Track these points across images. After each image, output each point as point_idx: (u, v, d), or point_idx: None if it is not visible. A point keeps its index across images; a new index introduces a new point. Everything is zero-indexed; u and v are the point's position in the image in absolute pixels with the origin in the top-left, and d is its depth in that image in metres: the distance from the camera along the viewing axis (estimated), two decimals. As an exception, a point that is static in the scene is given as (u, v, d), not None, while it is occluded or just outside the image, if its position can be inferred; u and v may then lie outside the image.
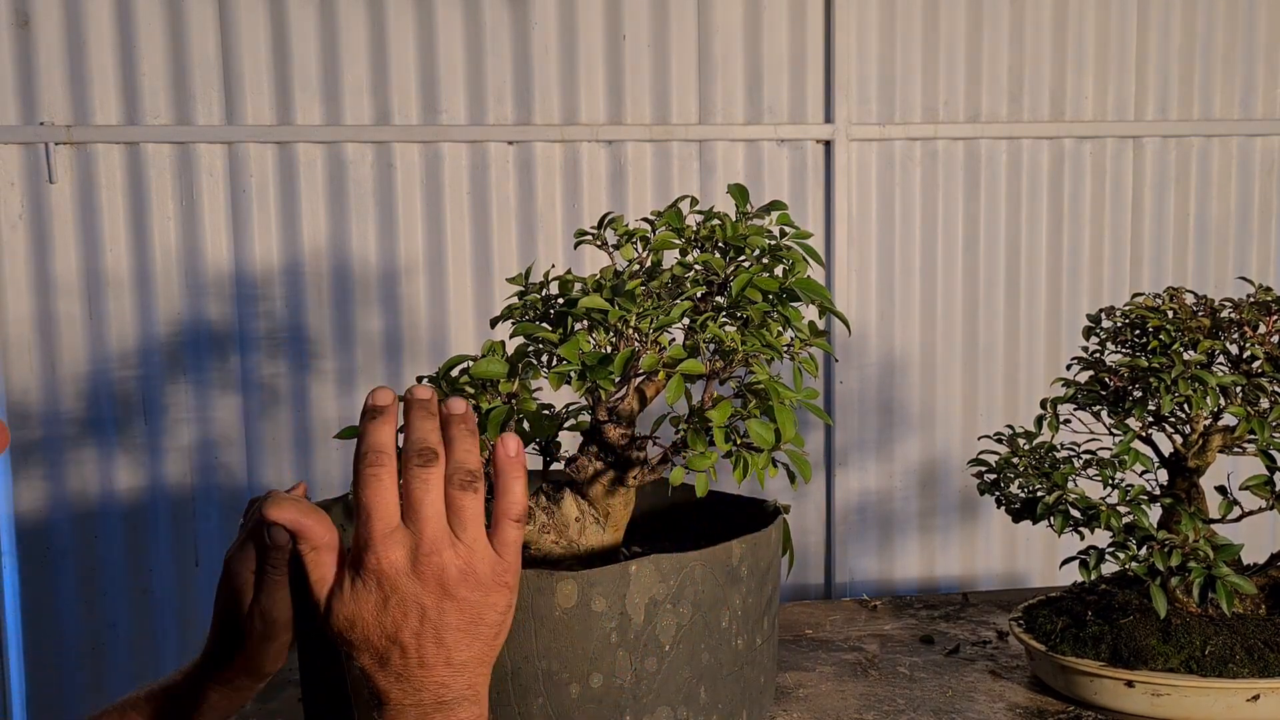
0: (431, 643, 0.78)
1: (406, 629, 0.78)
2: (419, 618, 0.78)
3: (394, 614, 0.78)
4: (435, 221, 2.46)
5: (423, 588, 0.78)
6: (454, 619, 0.79)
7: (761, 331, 1.11)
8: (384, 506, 0.80)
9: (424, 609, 0.78)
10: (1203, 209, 2.72)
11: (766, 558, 1.16)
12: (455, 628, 0.79)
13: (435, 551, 0.79)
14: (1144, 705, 1.30)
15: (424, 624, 0.78)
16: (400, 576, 0.78)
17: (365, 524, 0.80)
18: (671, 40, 2.50)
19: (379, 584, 0.78)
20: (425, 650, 0.78)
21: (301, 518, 0.83)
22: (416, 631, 0.78)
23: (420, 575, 0.78)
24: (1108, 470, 1.32)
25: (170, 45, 2.35)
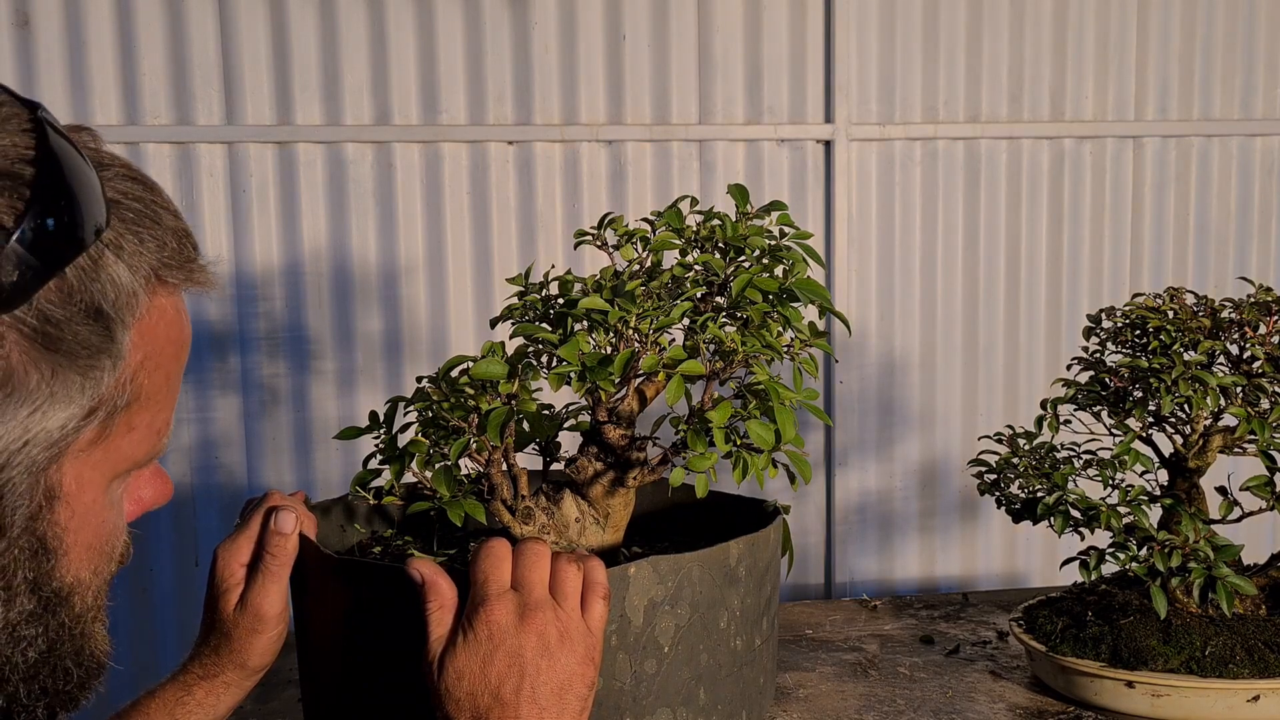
0: (529, 701, 0.87)
1: (508, 685, 0.87)
2: (519, 674, 0.87)
3: (499, 667, 0.87)
4: (435, 221, 2.46)
5: (525, 644, 0.88)
6: (549, 680, 0.88)
7: (761, 332, 1.11)
8: (499, 573, 0.91)
9: (524, 666, 0.87)
10: (1203, 209, 2.72)
11: (765, 558, 1.16)
12: (550, 691, 0.87)
13: (539, 609, 0.89)
14: (1144, 706, 1.30)
15: (524, 681, 0.87)
16: (508, 631, 0.88)
17: (481, 586, 0.91)
18: (671, 40, 2.50)
19: (489, 637, 0.88)
20: (522, 708, 0.86)
21: (437, 576, 0.93)
22: (516, 688, 0.87)
23: (525, 631, 0.88)
24: (1108, 470, 1.32)
25: (170, 45, 2.35)
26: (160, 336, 0.63)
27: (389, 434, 1.18)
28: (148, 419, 0.64)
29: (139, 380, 0.62)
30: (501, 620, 0.89)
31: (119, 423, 0.62)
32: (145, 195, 0.64)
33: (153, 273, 0.62)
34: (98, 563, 0.66)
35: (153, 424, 0.64)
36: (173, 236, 0.64)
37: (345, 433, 1.19)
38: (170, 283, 0.64)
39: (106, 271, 0.59)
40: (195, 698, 1.02)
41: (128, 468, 0.65)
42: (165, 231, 0.64)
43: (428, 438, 1.12)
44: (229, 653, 1.02)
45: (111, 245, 0.60)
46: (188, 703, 1.01)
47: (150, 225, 0.63)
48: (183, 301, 0.67)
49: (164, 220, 0.64)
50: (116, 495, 0.66)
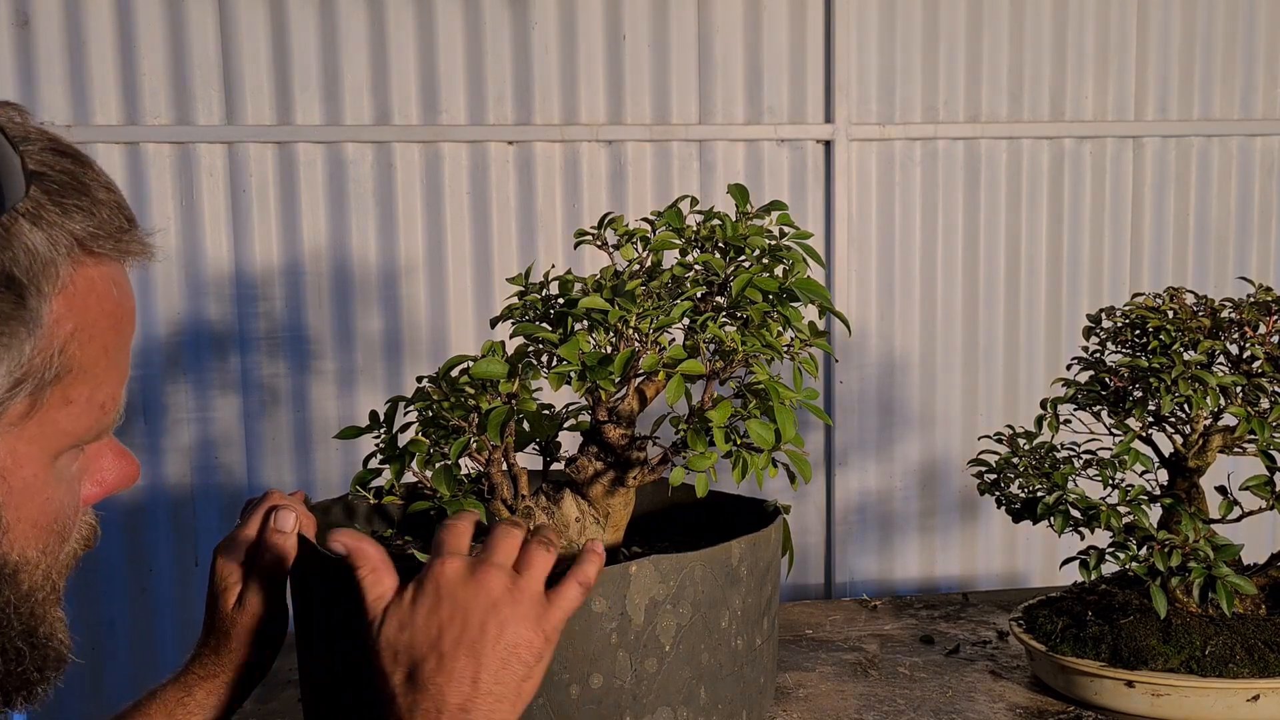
0: (465, 654, 0.85)
1: (449, 635, 0.86)
2: (461, 625, 0.86)
3: (442, 617, 0.87)
4: (435, 221, 2.46)
5: (471, 597, 0.87)
6: (493, 638, 0.86)
7: (761, 332, 1.11)
8: (456, 540, 0.92)
9: (467, 618, 0.87)
10: (1203, 209, 2.72)
11: (766, 558, 1.16)
12: (491, 648, 0.86)
13: (492, 568, 0.89)
14: (1144, 705, 1.30)
15: (465, 633, 0.86)
16: (455, 583, 0.88)
17: (436, 550, 0.91)
18: (671, 40, 2.50)
19: (436, 589, 0.88)
20: (458, 661, 0.85)
21: (360, 542, 0.92)
22: (457, 639, 0.86)
23: (472, 585, 0.88)
24: (1108, 470, 1.32)
25: (170, 45, 2.35)
26: (92, 308, 0.63)
27: (389, 434, 1.18)
28: (86, 392, 0.63)
29: (70, 352, 0.61)
30: (450, 573, 0.89)
31: (52, 396, 0.61)
32: (73, 168, 0.63)
33: (77, 243, 0.62)
34: (46, 541, 0.65)
35: (93, 398, 0.64)
36: (105, 208, 0.64)
37: (345, 432, 1.20)
38: (100, 253, 0.63)
39: (20, 240, 0.59)
40: (196, 698, 1.02)
41: (70, 443, 0.64)
42: (95, 203, 0.63)
43: (428, 437, 1.12)
44: (228, 652, 1.03)
45: (28, 214, 0.60)
46: (188, 703, 1.01)
47: (76, 196, 0.62)
48: (121, 274, 0.66)
49: (94, 192, 0.64)
50: (67, 473, 0.66)
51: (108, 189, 0.65)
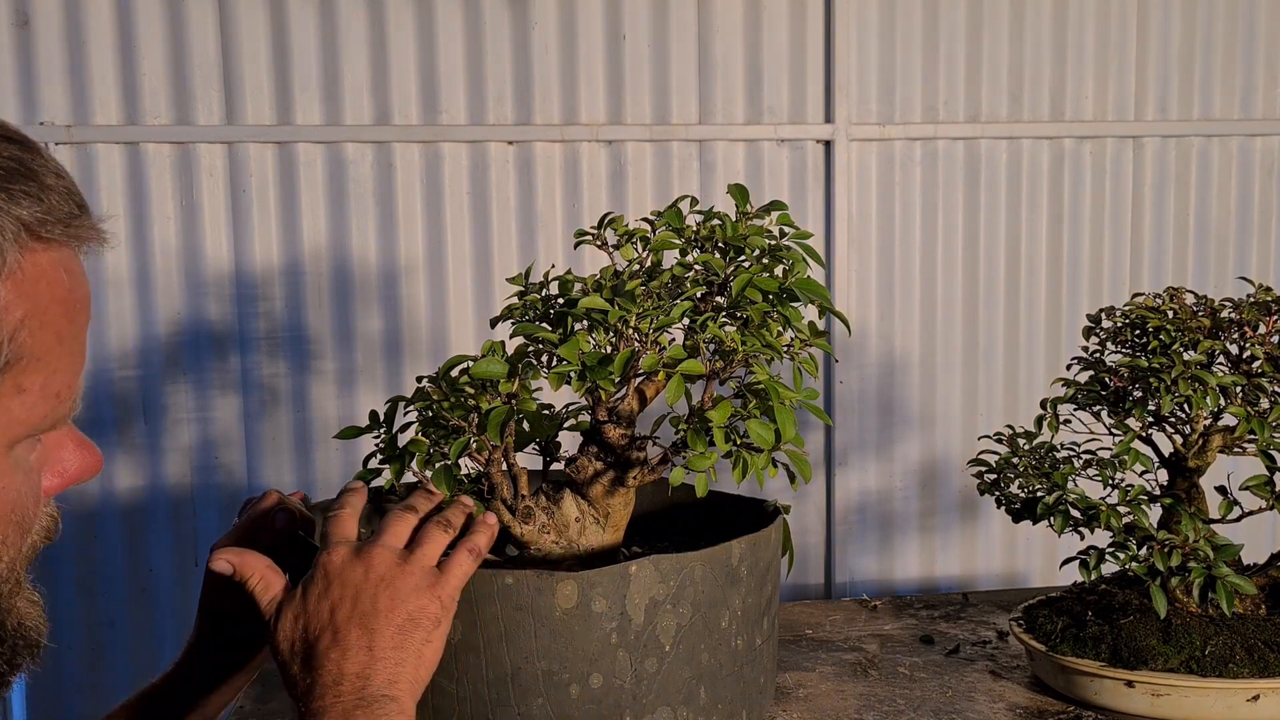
0: (358, 626, 0.88)
1: (341, 611, 0.88)
2: (353, 601, 0.89)
3: (333, 597, 0.89)
4: (435, 221, 2.46)
5: (360, 574, 0.90)
6: (385, 609, 0.88)
7: (761, 331, 1.11)
8: (343, 528, 0.96)
9: (358, 594, 0.89)
10: (1203, 209, 2.72)
11: (766, 558, 1.16)
12: (385, 619, 0.88)
13: (377, 548, 0.92)
14: (1144, 705, 1.30)
15: (355, 608, 0.89)
16: (343, 565, 0.91)
17: (323, 542, 0.94)
18: (671, 40, 2.50)
19: (325, 575, 0.91)
20: (350, 634, 0.87)
21: (240, 556, 0.95)
22: (348, 615, 0.88)
23: (358, 563, 0.91)
24: (1108, 470, 1.32)
25: (170, 45, 2.35)
26: (42, 294, 0.62)
27: (389, 433, 1.18)
28: (40, 380, 0.62)
29: (20, 339, 0.61)
30: (336, 560, 0.92)
31: (3, 384, 0.61)
32: (20, 154, 0.62)
33: (25, 228, 0.61)
34: (5, 532, 0.64)
35: (48, 386, 0.63)
36: (53, 194, 0.63)
37: (345, 432, 1.19)
38: (49, 239, 0.62)
39: None
40: (188, 697, 1.02)
41: (25, 432, 0.63)
42: (44, 189, 0.62)
43: (428, 437, 1.12)
44: (225, 650, 1.02)
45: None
46: (181, 703, 1.01)
47: (23, 181, 0.61)
48: (75, 260, 0.65)
49: (42, 178, 0.63)
50: (25, 462, 0.65)
51: (57, 175, 0.64)
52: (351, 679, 0.86)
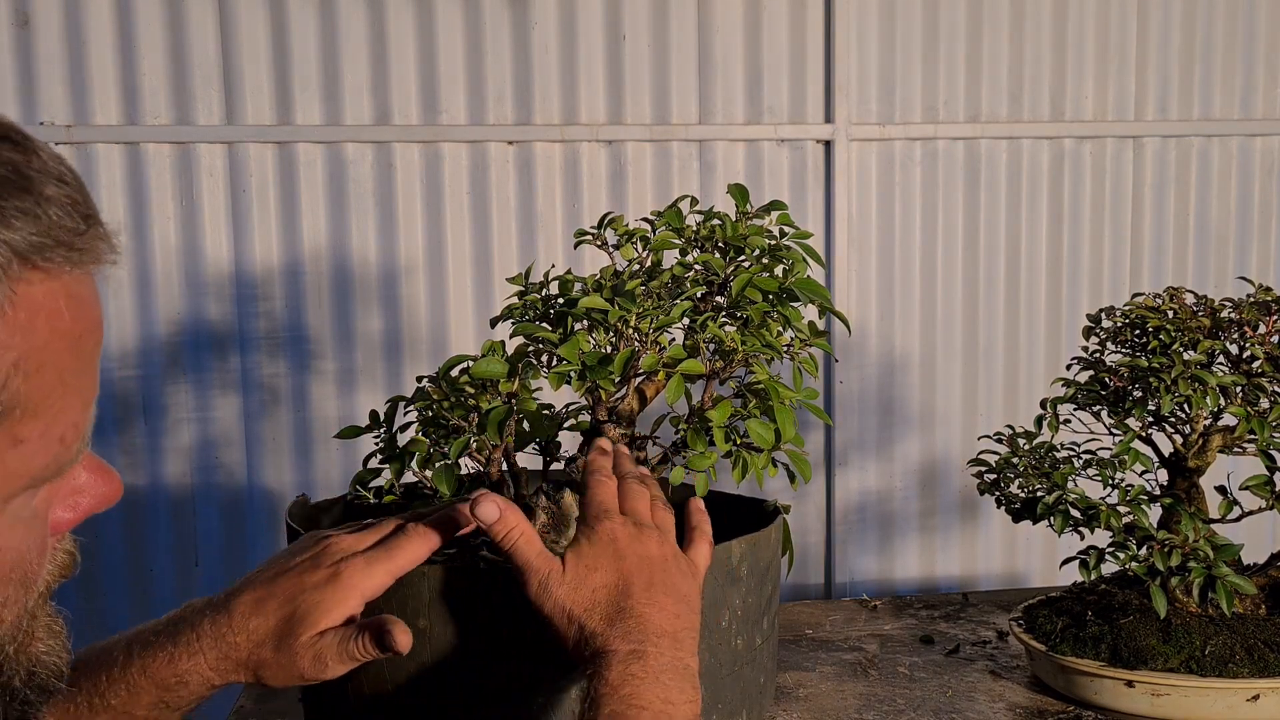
0: (659, 588, 0.90)
1: (638, 580, 0.90)
2: (648, 573, 0.90)
3: (629, 565, 0.90)
4: (435, 221, 2.46)
5: (646, 551, 0.92)
6: (673, 587, 0.91)
7: (761, 331, 1.11)
8: (610, 497, 0.96)
9: (651, 568, 0.91)
10: (1203, 209, 2.72)
11: (766, 558, 1.16)
12: (673, 597, 0.90)
13: (650, 529, 0.94)
14: (1144, 705, 1.30)
15: (653, 579, 0.90)
16: (629, 538, 0.92)
17: (596, 506, 0.94)
18: (671, 40, 2.50)
19: (613, 542, 0.91)
20: (653, 591, 0.89)
21: (505, 503, 0.92)
22: (647, 583, 0.90)
23: (643, 543, 0.92)
24: (1108, 470, 1.32)
25: (170, 45, 2.35)
26: (40, 331, 0.52)
27: (389, 433, 1.18)
28: (40, 428, 0.53)
29: (13, 386, 0.51)
30: (620, 533, 0.92)
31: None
32: (14, 156, 0.52)
33: (17, 257, 0.51)
34: (6, 592, 0.56)
35: (49, 432, 0.54)
36: (53, 207, 0.53)
37: (345, 432, 1.20)
38: (47, 266, 0.52)
39: None
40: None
41: (24, 485, 0.54)
42: (42, 201, 0.52)
43: (428, 437, 1.12)
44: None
45: None
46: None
47: (18, 195, 0.51)
48: (81, 283, 0.55)
49: (40, 187, 0.52)
50: (25, 512, 0.56)
51: (59, 180, 0.54)
52: (669, 637, 0.87)
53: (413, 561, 0.93)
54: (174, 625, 0.92)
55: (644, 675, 0.84)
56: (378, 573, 0.91)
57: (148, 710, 0.91)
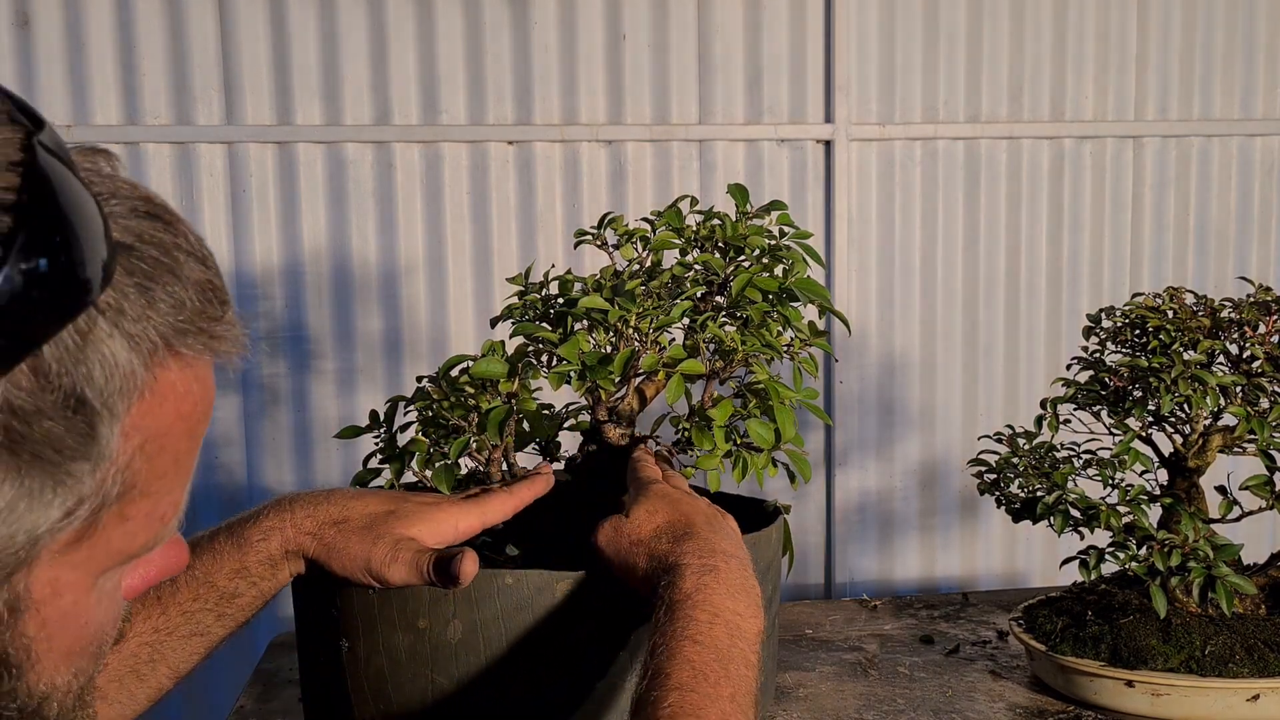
0: (718, 524, 0.96)
1: (699, 514, 0.97)
2: (707, 509, 0.98)
3: (685, 507, 0.97)
4: (435, 221, 2.46)
5: (697, 503, 0.99)
6: (729, 523, 0.99)
7: (761, 331, 1.11)
8: (657, 473, 1.05)
9: (705, 511, 0.98)
10: (1203, 209, 2.72)
11: (766, 558, 1.16)
12: (730, 526, 0.98)
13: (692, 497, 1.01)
14: (1144, 705, 1.30)
15: (713, 514, 0.98)
16: (682, 494, 1.00)
17: (645, 479, 1.03)
18: (671, 40, 2.50)
19: (668, 496, 0.99)
20: (714, 525, 0.96)
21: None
22: (709, 517, 0.97)
23: (692, 497, 1.00)
24: (1108, 470, 1.32)
25: (170, 45, 2.35)
26: (166, 415, 0.51)
27: (389, 433, 1.18)
28: (147, 508, 0.52)
29: (134, 467, 0.50)
30: (672, 490, 1.01)
31: (108, 517, 0.50)
32: (164, 236, 0.51)
33: (162, 342, 0.49)
34: (79, 664, 0.55)
35: (154, 511, 0.53)
36: (195, 291, 0.51)
37: (345, 432, 1.19)
38: (186, 353, 0.51)
39: (98, 349, 0.46)
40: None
41: (120, 561, 0.53)
42: (185, 284, 0.50)
43: (428, 437, 1.12)
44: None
45: (109, 311, 0.47)
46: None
47: (167, 278, 0.49)
48: (207, 368, 0.54)
49: (185, 270, 0.51)
50: (108, 588, 0.55)
51: (202, 263, 0.52)
52: (736, 559, 0.92)
53: (500, 515, 1.01)
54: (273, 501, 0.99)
55: (716, 586, 0.87)
56: (471, 514, 0.99)
57: (229, 578, 0.94)
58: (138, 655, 0.91)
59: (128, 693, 0.91)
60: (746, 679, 0.84)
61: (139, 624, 0.91)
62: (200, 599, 0.93)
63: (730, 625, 0.85)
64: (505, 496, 1.02)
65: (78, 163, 0.49)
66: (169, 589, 0.93)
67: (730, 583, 0.88)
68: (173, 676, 0.94)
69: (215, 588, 0.94)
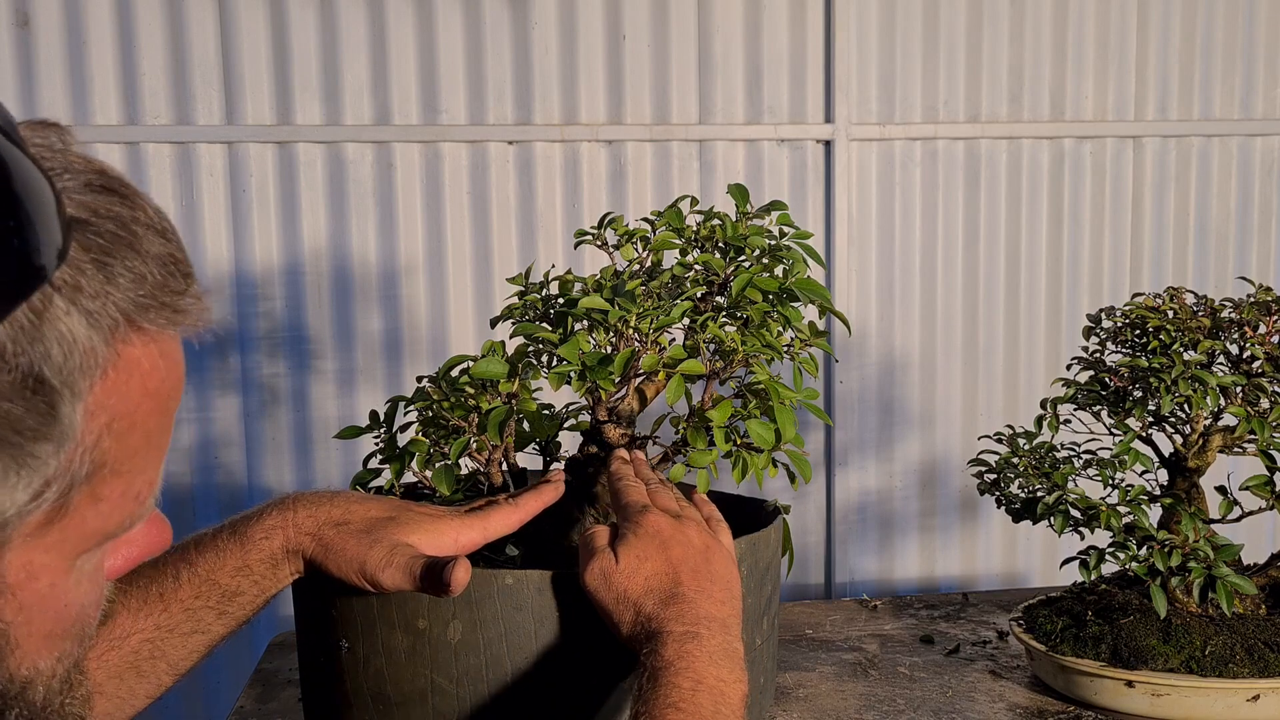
0: (705, 576, 0.93)
1: (686, 567, 0.94)
2: (696, 559, 0.94)
3: (676, 553, 0.94)
4: (435, 221, 2.46)
5: (689, 538, 0.96)
6: (717, 573, 0.95)
7: (761, 331, 1.11)
8: (642, 496, 1.01)
9: (695, 555, 0.95)
10: (1203, 209, 2.72)
11: (766, 558, 1.16)
12: (719, 567, 0.95)
13: (687, 520, 0.99)
14: (1144, 705, 1.30)
15: (701, 564, 0.94)
16: (672, 528, 0.96)
17: (632, 503, 0.99)
18: (671, 40, 2.50)
19: (657, 534, 0.95)
20: (700, 579, 0.93)
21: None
22: (695, 568, 0.94)
23: (684, 531, 0.96)
24: (1108, 470, 1.32)
25: (170, 45, 2.35)
26: (133, 392, 0.50)
27: (389, 433, 1.18)
28: (120, 487, 0.52)
29: (103, 446, 0.50)
30: (662, 524, 0.96)
31: (79, 497, 0.50)
32: (121, 210, 0.50)
33: (123, 318, 0.49)
34: (62, 647, 0.55)
35: (129, 490, 0.53)
36: (156, 265, 0.50)
37: (345, 432, 1.19)
38: (148, 328, 0.51)
39: (55, 327, 0.46)
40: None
41: (96, 542, 0.53)
42: (146, 259, 0.50)
43: (428, 437, 1.12)
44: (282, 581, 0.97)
45: (65, 288, 0.46)
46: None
47: (126, 253, 0.49)
48: (174, 344, 0.54)
49: (145, 244, 0.50)
50: (89, 567, 0.55)
51: (162, 236, 0.51)
52: (718, 622, 0.90)
53: (503, 529, 1.00)
54: (276, 500, 0.99)
55: (699, 654, 0.87)
56: (474, 528, 0.99)
57: (231, 576, 0.94)
58: (139, 652, 0.91)
59: (127, 689, 0.91)
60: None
61: (140, 620, 0.91)
62: (202, 596, 0.94)
63: (714, 692, 0.85)
64: (510, 509, 1.02)
65: (27, 138, 0.48)
66: (171, 586, 0.93)
67: (712, 649, 0.88)
68: (172, 674, 0.94)
69: (217, 585, 0.94)
